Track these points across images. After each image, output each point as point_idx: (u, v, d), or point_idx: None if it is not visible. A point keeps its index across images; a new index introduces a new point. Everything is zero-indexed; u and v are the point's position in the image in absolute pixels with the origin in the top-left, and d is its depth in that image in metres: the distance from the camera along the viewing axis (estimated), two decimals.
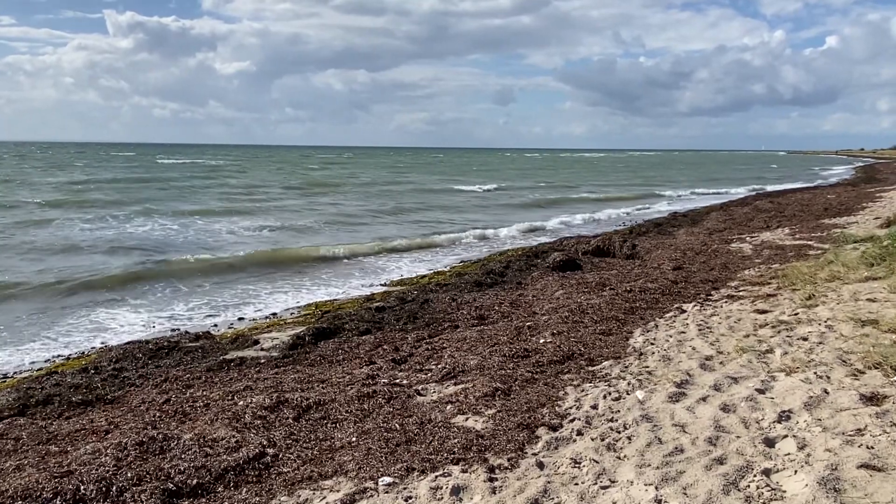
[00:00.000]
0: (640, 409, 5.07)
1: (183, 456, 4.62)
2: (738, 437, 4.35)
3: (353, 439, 4.99)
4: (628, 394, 5.47)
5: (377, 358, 7.54)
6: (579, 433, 4.75)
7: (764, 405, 4.84)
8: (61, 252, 17.15)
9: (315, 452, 4.82)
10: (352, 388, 6.21)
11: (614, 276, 11.82)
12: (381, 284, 13.57)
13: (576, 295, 10.19)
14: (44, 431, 5.55)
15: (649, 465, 4.07)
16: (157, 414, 5.87)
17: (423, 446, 4.76)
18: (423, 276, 13.90)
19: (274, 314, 11.18)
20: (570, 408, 5.30)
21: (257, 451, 4.68)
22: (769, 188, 43.44)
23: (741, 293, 9.59)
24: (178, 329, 9.82)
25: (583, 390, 5.71)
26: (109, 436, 5.24)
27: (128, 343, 8.24)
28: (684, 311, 8.67)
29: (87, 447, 4.77)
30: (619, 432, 4.66)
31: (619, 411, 5.11)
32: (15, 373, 8.19)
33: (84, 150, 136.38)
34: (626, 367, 6.29)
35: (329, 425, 5.28)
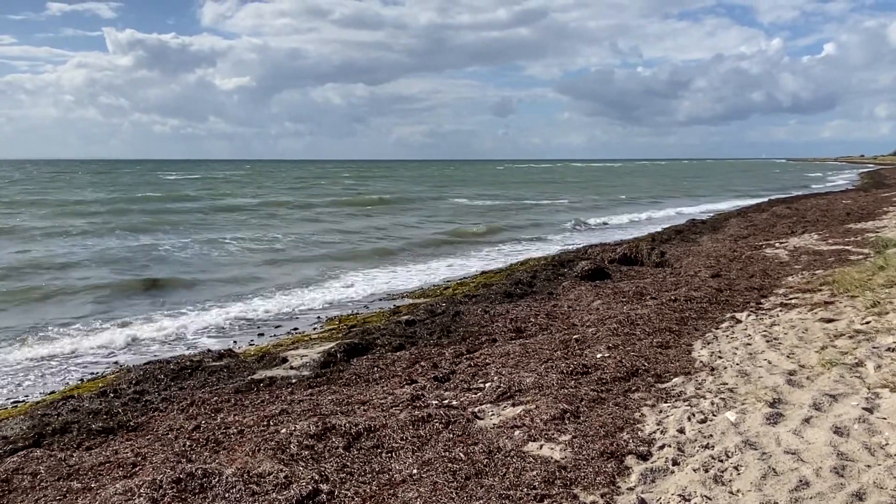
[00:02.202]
0: (736, 433, 4.51)
1: (227, 495, 4.05)
2: (867, 465, 3.78)
3: (415, 471, 4.43)
4: (715, 415, 4.90)
5: (417, 376, 6.99)
6: (675, 462, 4.18)
7: (881, 427, 4.28)
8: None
9: (374, 488, 4.25)
10: (400, 410, 5.65)
11: (649, 284, 11.27)
12: (403, 296, 13.02)
13: (615, 305, 9.64)
14: (63, 465, 4.98)
15: (775, 503, 3.50)
16: (188, 443, 5.31)
17: (497, 479, 4.19)
18: (447, 287, 13.34)
19: (296, 329, 10.63)
20: (654, 432, 4.73)
21: (310, 487, 4.11)
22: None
23: (794, 301, 9.03)
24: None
25: (661, 411, 5.14)
26: (139, 471, 4.67)
27: (147, 363, 7.68)
28: (739, 321, 8.12)
29: (118, 486, 4.20)
30: (721, 461, 4.10)
31: (711, 436, 4.54)
32: (26, 397, 7.63)
33: (78, 169, 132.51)
34: (700, 383, 5.72)
35: (384, 455, 4.71)
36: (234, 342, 9.96)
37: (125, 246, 21.00)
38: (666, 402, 5.33)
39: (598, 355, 6.65)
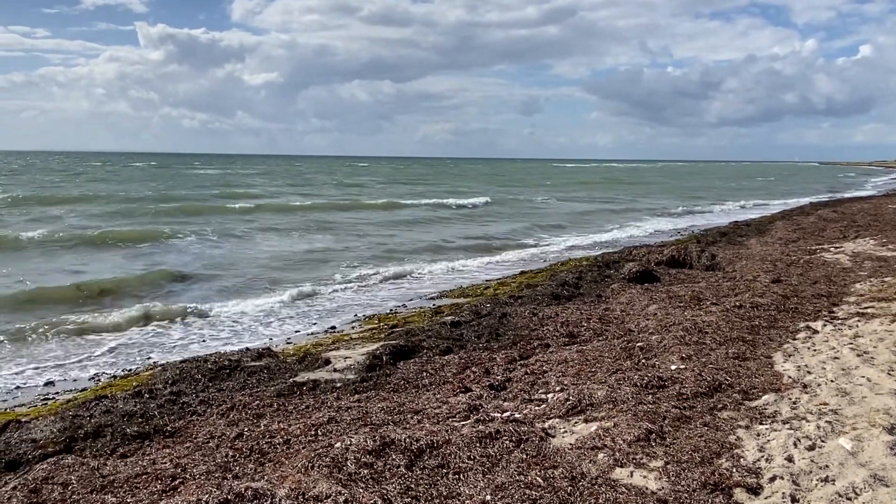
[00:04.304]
0: (856, 464, 3.93)
1: None
2: None
3: (487, 498, 3.91)
4: (824, 441, 4.32)
5: (470, 383, 6.49)
6: (794, 499, 3.62)
7: None
8: None
9: None
10: (460, 422, 5.16)
11: (705, 289, 10.64)
12: (441, 296, 12.51)
13: (673, 311, 9.04)
14: (96, 475, 4.55)
15: None
16: (230, 453, 4.86)
17: None
18: (487, 287, 12.80)
19: (333, 328, 10.18)
20: (758, 460, 4.16)
21: None
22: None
23: (870, 310, 8.36)
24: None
25: (759, 434, 4.57)
26: (180, 485, 4.22)
27: (184, 362, 7.25)
28: (817, 332, 7.49)
29: None
30: (850, 499, 3.53)
31: (828, 466, 3.97)
32: (56, 394, 7.26)
33: (113, 161, 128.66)
34: (794, 402, 5.13)
35: (451, 477, 4.20)
36: (271, 339, 9.55)
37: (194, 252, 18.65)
38: (761, 424, 4.75)
39: (673, 367, 6.08)
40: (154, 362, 8.42)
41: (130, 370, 8.00)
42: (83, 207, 30.57)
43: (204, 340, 9.62)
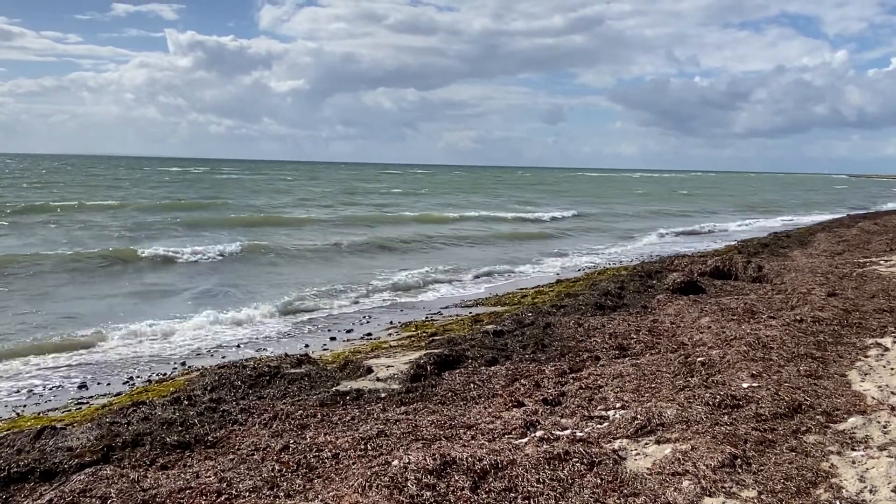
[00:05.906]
0: None
1: None
2: None
3: None
4: None
5: (521, 397, 6.13)
6: None
7: None
8: None
9: None
10: (517, 439, 4.81)
11: (756, 301, 10.17)
12: (476, 303, 12.18)
13: (727, 323, 8.59)
14: (137, 488, 4.27)
15: None
16: (276, 467, 4.56)
17: None
18: (525, 295, 12.44)
19: (369, 335, 9.88)
20: (861, 491, 3.76)
21: None
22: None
23: None
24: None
25: (854, 461, 4.16)
26: (226, 502, 3.91)
27: (221, 367, 6.98)
28: (888, 349, 7.03)
29: None
30: None
31: None
32: (91, 397, 7.04)
33: (143, 165, 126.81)
34: (885, 426, 4.71)
35: (521, 502, 3.85)
36: (307, 345, 9.28)
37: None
38: (854, 450, 4.34)
39: (745, 385, 5.66)
40: (189, 367, 8.19)
41: (165, 375, 7.76)
42: (164, 216, 28.48)
43: (239, 346, 9.39)
